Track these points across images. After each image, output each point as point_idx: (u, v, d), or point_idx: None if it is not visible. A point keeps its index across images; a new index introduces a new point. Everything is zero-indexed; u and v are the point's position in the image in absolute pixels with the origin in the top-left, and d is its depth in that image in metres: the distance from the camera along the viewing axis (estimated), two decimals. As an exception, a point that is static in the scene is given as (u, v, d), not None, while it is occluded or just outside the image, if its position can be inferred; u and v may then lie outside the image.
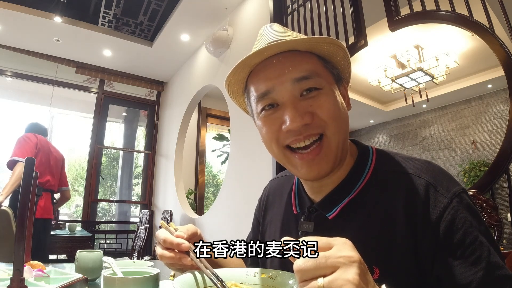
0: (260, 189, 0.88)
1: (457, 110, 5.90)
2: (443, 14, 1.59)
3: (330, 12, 2.18)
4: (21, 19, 3.61)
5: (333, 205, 0.60)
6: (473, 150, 5.51)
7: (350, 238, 0.54)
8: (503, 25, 1.49)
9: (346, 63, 0.61)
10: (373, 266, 0.51)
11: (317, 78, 0.56)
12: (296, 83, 0.55)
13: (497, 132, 5.25)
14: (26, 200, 0.57)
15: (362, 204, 0.57)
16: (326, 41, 0.56)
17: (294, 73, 0.55)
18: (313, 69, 0.56)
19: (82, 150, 7.07)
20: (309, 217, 0.63)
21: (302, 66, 0.56)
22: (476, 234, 0.48)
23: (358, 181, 0.59)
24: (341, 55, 0.59)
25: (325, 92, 0.56)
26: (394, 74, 4.78)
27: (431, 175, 0.54)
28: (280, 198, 0.75)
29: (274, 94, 0.56)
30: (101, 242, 4.61)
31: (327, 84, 0.57)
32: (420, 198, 0.52)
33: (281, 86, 0.55)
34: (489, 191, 1.39)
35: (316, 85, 0.55)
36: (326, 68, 0.59)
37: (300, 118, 0.54)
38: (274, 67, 0.56)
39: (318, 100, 0.55)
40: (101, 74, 4.78)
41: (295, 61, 0.56)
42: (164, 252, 0.57)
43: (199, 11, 3.42)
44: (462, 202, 0.51)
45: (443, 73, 4.61)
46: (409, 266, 0.51)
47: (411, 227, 0.51)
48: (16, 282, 0.54)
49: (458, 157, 5.74)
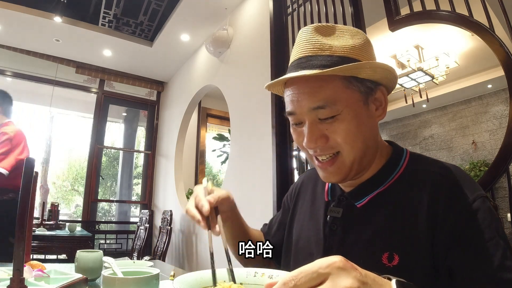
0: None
1: (457, 110, 5.90)
2: (443, 14, 1.59)
3: (330, 12, 2.17)
4: (21, 19, 3.60)
5: (363, 195, 0.64)
6: (473, 150, 5.51)
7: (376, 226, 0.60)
8: (503, 25, 1.49)
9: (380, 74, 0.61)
10: (393, 253, 0.54)
11: (333, 106, 0.57)
12: (312, 111, 0.59)
13: (497, 132, 5.25)
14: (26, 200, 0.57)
15: (391, 197, 0.61)
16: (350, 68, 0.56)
17: (310, 102, 0.58)
18: (330, 97, 0.57)
19: (82, 150, 7.07)
20: (339, 204, 0.67)
21: (320, 94, 0.58)
22: (494, 234, 0.50)
23: (389, 177, 0.63)
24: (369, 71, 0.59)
25: (342, 118, 0.58)
26: (394, 74, 4.77)
27: (458, 176, 0.57)
28: (313, 187, 0.79)
29: (297, 115, 0.61)
30: (101, 242, 4.61)
31: (346, 108, 0.58)
32: (444, 194, 0.55)
33: (300, 110, 0.60)
34: (489, 191, 1.39)
35: (331, 113, 0.58)
36: (349, 88, 0.59)
37: (314, 141, 0.59)
38: (297, 90, 0.60)
39: (333, 126, 0.59)
40: (101, 74, 4.78)
41: (314, 88, 0.58)
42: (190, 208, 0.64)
43: (199, 11, 3.42)
44: (484, 203, 0.53)
45: (443, 73, 4.61)
46: (427, 257, 0.53)
47: (432, 221, 0.54)
48: (16, 282, 0.54)
49: (458, 157, 5.73)
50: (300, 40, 0.62)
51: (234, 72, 3.22)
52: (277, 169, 2.29)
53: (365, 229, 0.60)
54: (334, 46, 0.59)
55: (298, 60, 0.60)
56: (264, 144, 2.53)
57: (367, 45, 0.62)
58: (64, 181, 8.26)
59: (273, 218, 0.92)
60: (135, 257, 3.68)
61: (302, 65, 0.59)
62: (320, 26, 0.62)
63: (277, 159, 2.32)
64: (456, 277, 0.49)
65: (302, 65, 0.58)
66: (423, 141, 6.43)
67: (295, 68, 0.60)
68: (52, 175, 7.57)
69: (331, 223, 0.66)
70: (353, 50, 0.59)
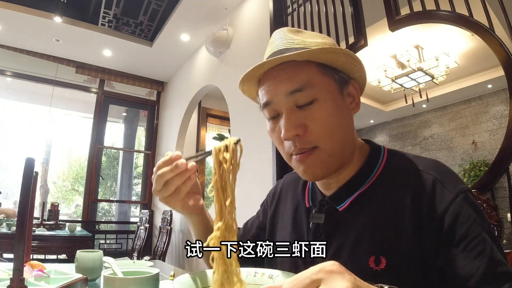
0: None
1: (457, 110, 5.90)
2: (443, 14, 1.59)
3: (330, 12, 2.18)
4: (21, 19, 3.60)
5: (343, 198, 0.62)
6: (473, 150, 5.51)
7: (360, 229, 0.58)
8: (503, 25, 1.49)
9: (352, 65, 0.61)
10: (380, 256, 0.53)
11: (310, 89, 0.57)
12: (290, 95, 0.57)
13: (497, 132, 5.25)
14: (26, 200, 0.57)
15: (372, 198, 0.59)
16: (323, 51, 0.57)
17: (288, 86, 0.57)
18: (307, 80, 0.57)
19: (82, 150, 7.07)
20: (321, 210, 0.65)
21: (296, 78, 0.57)
22: (479, 230, 0.49)
23: (369, 177, 0.62)
24: (343, 59, 0.59)
25: (320, 104, 0.57)
26: (394, 74, 4.78)
27: (438, 172, 0.56)
28: (293, 192, 0.78)
29: (274, 105, 0.60)
30: (101, 242, 4.61)
31: (324, 93, 0.58)
32: (426, 192, 0.54)
33: (278, 98, 0.59)
34: (489, 191, 1.39)
35: (309, 96, 0.57)
36: (325, 74, 0.59)
37: (293, 129, 0.57)
38: (273, 79, 0.59)
39: (312, 113, 0.57)
40: (101, 74, 4.78)
41: (291, 73, 0.58)
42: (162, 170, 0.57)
43: (199, 11, 3.42)
44: (467, 199, 0.53)
45: (443, 73, 4.62)
46: (414, 258, 0.52)
47: (417, 220, 0.53)
48: (16, 282, 0.54)
49: (458, 157, 5.73)
50: (273, 39, 0.63)
51: (234, 72, 3.22)
52: (277, 169, 2.29)
53: (350, 233, 0.59)
54: (307, 42, 0.60)
55: (272, 55, 0.60)
56: (264, 144, 2.54)
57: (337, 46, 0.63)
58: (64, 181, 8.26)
59: (248, 222, 0.88)
60: (135, 257, 3.68)
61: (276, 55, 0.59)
62: (292, 28, 0.64)
63: (277, 159, 2.32)
64: (447, 278, 0.49)
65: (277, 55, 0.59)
66: (423, 141, 6.43)
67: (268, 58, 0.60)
68: (52, 175, 7.57)
69: (314, 230, 0.64)
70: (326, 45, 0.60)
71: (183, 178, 0.58)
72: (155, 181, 0.58)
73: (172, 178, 0.57)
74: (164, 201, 0.61)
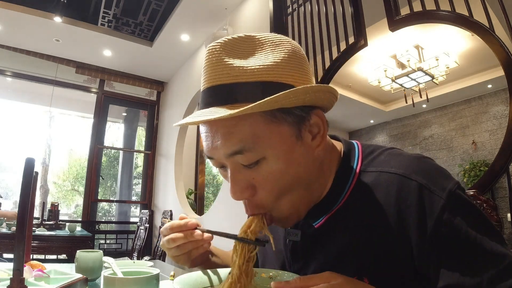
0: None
1: (457, 110, 5.90)
2: (443, 14, 1.59)
3: (330, 12, 2.18)
4: (21, 19, 3.61)
5: (320, 214, 0.57)
6: (473, 150, 5.52)
7: (339, 248, 0.53)
8: (503, 25, 1.49)
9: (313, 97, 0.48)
10: (363, 277, 0.49)
11: (254, 148, 0.47)
12: (230, 157, 0.48)
13: (497, 132, 5.25)
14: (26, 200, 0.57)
15: (351, 213, 0.54)
16: (265, 105, 0.43)
17: (225, 147, 0.48)
18: (247, 138, 0.46)
19: (82, 150, 7.08)
20: (296, 226, 0.60)
21: (234, 137, 0.47)
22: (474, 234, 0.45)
23: (344, 190, 0.55)
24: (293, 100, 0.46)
25: (267, 162, 0.48)
26: (394, 74, 4.78)
27: (422, 174, 0.49)
28: None
29: (216, 160, 0.52)
30: (101, 242, 4.61)
31: (272, 148, 0.47)
32: (413, 203, 0.48)
33: (218, 156, 0.50)
34: (489, 191, 1.39)
35: (253, 157, 0.47)
36: (273, 122, 0.47)
37: (240, 193, 0.50)
38: (209, 131, 0.50)
39: (260, 173, 0.49)
40: (101, 74, 4.78)
41: (228, 128, 0.47)
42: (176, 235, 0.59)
43: (199, 11, 3.42)
44: (459, 200, 0.47)
45: (443, 73, 4.62)
46: (402, 274, 0.48)
47: (405, 235, 0.48)
48: (16, 282, 0.54)
49: (458, 157, 5.74)
50: (207, 63, 0.51)
51: (234, 72, 3.22)
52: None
53: (328, 252, 0.54)
54: (249, 69, 0.47)
55: (207, 91, 0.50)
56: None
57: (293, 59, 0.50)
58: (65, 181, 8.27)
59: None
60: (135, 257, 3.68)
61: (212, 99, 0.49)
62: (231, 41, 0.50)
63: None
64: None
65: (212, 99, 0.48)
66: (423, 141, 6.43)
67: (204, 103, 0.50)
68: (52, 175, 7.58)
69: (291, 248, 0.60)
70: (275, 70, 0.48)
71: (196, 245, 0.60)
72: (167, 241, 0.59)
73: (185, 243, 0.59)
74: (173, 259, 0.62)
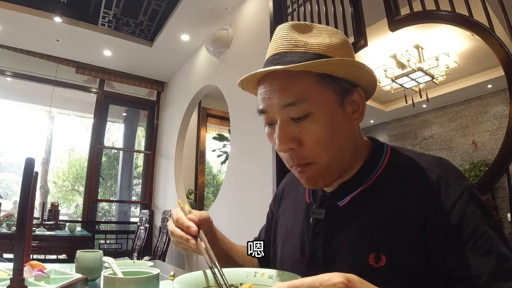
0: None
1: (457, 110, 5.90)
2: (443, 14, 1.59)
3: (330, 12, 2.18)
4: (21, 19, 3.60)
5: (345, 194, 0.62)
6: (473, 150, 5.52)
7: (360, 226, 0.58)
8: (503, 25, 1.49)
9: (356, 74, 0.57)
10: (380, 253, 0.53)
11: (305, 103, 0.54)
12: (284, 108, 0.55)
13: (497, 132, 5.25)
14: (26, 200, 0.57)
15: (375, 195, 0.59)
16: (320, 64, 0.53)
17: (281, 99, 0.55)
18: (301, 94, 0.54)
19: (82, 150, 7.08)
20: (321, 205, 0.65)
21: (290, 91, 0.55)
22: (485, 228, 0.49)
23: (371, 174, 0.61)
24: (344, 69, 0.55)
25: (314, 118, 0.55)
26: (394, 74, 4.78)
27: (442, 169, 0.55)
28: (295, 190, 0.77)
29: (269, 113, 0.58)
30: (101, 242, 4.61)
31: (320, 107, 0.55)
32: (431, 190, 0.53)
33: (272, 108, 0.57)
34: (489, 191, 1.39)
35: (303, 111, 0.54)
36: (323, 86, 0.56)
37: (286, 142, 0.56)
38: (269, 87, 0.57)
39: (307, 127, 0.55)
40: (101, 74, 4.78)
41: (286, 85, 0.55)
42: (175, 229, 0.63)
43: (199, 11, 3.42)
44: (472, 196, 0.52)
45: (443, 73, 4.62)
46: (416, 256, 0.51)
47: (422, 219, 0.52)
48: (16, 282, 0.54)
49: (458, 157, 5.74)
50: (275, 37, 0.60)
51: (234, 72, 3.22)
52: (277, 169, 2.29)
53: (350, 230, 0.58)
54: (310, 43, 0.56)
55: (272, 57, 0.58)
56: (264, 144, 2.53)
57: (345, 45, 0.59)
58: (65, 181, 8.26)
59: (260, 231, 0.91)
60: (135, 257, 3.68)
61: (275, 61, 0.57)
62: (297, 24, 0.60)
63: (277, 159, 2.32)
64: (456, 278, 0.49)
65: (275, 61, 0.56)
66: (423, 141, 6.43)
67: (268, 65, 0.58)
68: (53, 175, 7.57)
69: (314, 226, 0.64)
70: (330, 48, 0.56)
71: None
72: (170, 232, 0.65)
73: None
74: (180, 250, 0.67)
